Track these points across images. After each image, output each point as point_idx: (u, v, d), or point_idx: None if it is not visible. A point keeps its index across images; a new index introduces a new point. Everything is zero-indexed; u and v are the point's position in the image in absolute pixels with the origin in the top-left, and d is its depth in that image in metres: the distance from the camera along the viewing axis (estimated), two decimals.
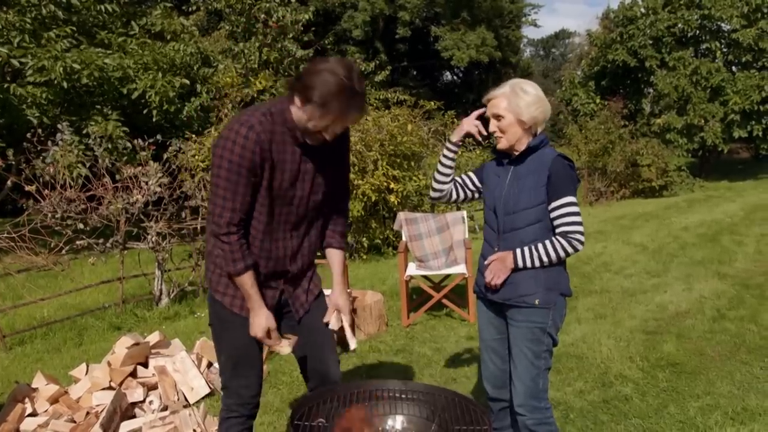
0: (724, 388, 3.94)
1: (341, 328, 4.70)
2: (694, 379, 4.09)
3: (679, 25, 20.56)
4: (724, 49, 20.63)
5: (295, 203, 2.39)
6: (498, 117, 2.60)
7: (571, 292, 2.71)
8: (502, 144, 2.63)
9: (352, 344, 2.56)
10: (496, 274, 2.58)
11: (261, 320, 2.35)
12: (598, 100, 21.68)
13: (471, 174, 2.83)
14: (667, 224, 10.90)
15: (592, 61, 23.43)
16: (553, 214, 2.55)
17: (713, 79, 19.36)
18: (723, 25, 20.49)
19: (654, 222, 11.31)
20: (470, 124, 2.68)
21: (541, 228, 2.57)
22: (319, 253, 2.63)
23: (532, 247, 2.54)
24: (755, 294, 6.07)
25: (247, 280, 2.31)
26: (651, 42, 20.73)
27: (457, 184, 2.83)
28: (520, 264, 2.55)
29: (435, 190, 2.82)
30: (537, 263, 2.54)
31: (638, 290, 6.39)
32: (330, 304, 2.55)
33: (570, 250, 2.52)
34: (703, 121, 19.32)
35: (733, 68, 20.70)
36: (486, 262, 2.65)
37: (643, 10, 21.64)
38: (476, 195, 2.82)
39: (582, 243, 2.53)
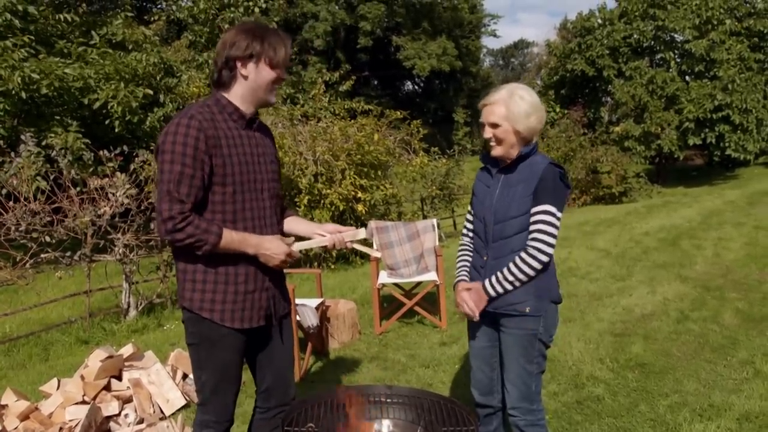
0: (691, 386, 4.06)
1: (319, 331, 4.65)
2: (662, 378, 4.21)
3: (635, 36, 21.16)
4: (678, 59, 21.27)
5: (260, 188, 2.37)
6: (494, 125, 2.53)
7: (561, 298, 2.71)
8: (498, 152, 2.58)
9: (362, 233, 2.53)
10: (476, 306, 2.57)
11: (272, 244, 2.30)
12: (558, 109, 22.12)
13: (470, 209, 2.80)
14: (629, 229, 11.13)
15: (551, 71, 23.95)
16: (530, 220, 2.49)
17: (668, 88, 19.92)
18: (676, 36, 21.14)
19: (616, 227, 11.55)
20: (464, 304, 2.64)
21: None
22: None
23: (498, 274, 2.52)
24: (716, 296, 6.26)
25: (230, 234, 2.23)
26: (608, 52, 21.27)
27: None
28: (493, 294, 2.53)
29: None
30: (509, 287, 2.51)
31: (604, 294, 6.53)
32: (329, 234, 2.50)
33: (534, 263, 2.47)
34: (659, 128, 19.85)
35: (687, 78, 21.33)
36: (459, 295, 2.63)
37: (600, 20, 22.20)
38: None
39: (546, 254, 2.47)
